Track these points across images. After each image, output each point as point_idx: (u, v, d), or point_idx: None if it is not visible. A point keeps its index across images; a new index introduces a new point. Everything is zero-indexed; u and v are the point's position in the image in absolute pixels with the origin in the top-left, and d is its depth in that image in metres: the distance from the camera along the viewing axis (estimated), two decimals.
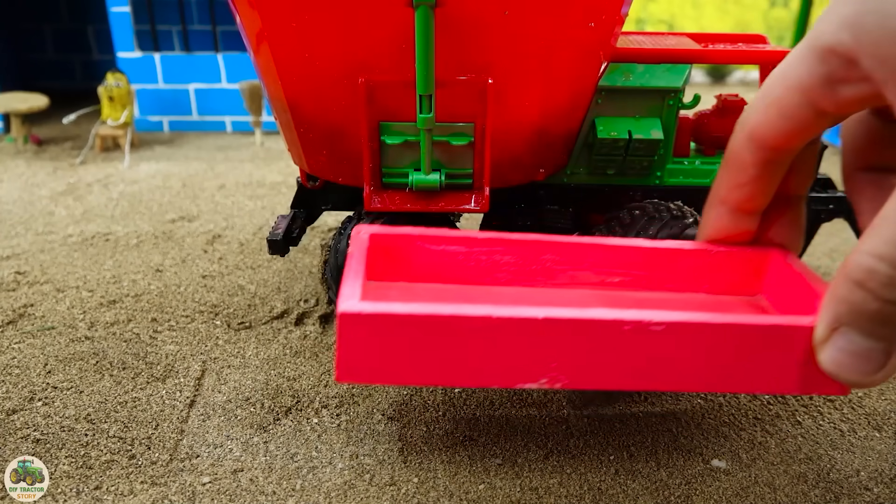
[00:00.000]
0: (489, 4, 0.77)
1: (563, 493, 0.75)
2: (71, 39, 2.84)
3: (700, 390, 0.74)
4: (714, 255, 0.88)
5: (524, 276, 0.89)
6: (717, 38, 1.08)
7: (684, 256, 0.88)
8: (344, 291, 0.71)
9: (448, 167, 0.91)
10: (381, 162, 0.91)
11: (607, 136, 0.95)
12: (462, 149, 0.90)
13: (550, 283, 0.90)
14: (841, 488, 0.77)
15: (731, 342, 0.69)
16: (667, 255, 0.88)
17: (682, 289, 0.90)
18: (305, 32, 0.81)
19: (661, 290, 0.90)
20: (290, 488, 0.75)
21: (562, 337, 0.69)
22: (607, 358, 0.71)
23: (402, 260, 0.87)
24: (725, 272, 0.88)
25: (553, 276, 0.89)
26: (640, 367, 0.71)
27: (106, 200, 1.65)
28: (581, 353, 0.71)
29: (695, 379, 0.72)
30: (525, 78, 0.84)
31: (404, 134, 0.88)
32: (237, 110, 2.32)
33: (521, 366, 0.71)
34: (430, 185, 0.90)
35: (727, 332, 0.69)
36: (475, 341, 0.70)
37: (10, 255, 1.31)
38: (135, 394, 0.90)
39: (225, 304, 1.14)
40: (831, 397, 0.93)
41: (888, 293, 0.60)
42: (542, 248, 0.88)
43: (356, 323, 0.68)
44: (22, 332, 1.04)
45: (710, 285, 0.89)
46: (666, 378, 0.71)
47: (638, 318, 0.69)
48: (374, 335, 0.69)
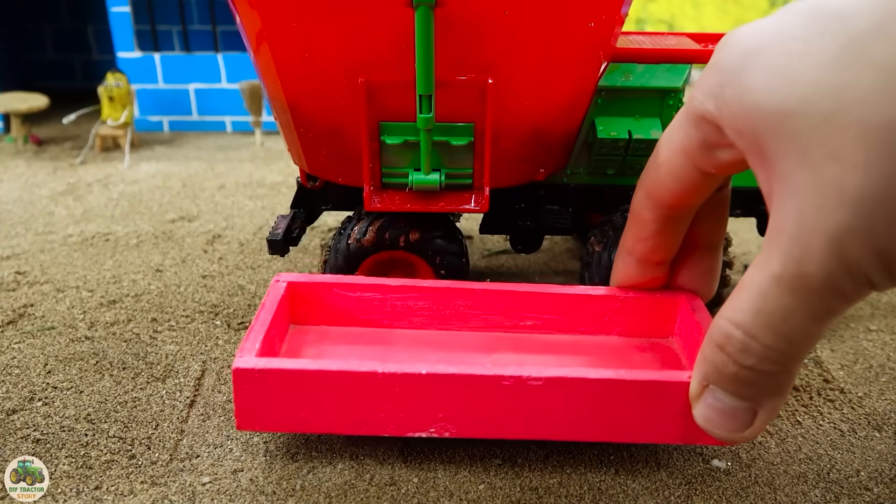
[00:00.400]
0: (489, 4, 0.78)
1: (563, 493, 0.75)
2: (71, 39, 2.84)
3: (585, 440, 0.75)
4: (624, 301, 0.90)
5: (438, 321, 0.93)
6: (716, 38, 1.08)
7: (595, 301, 0.90)
8: (243, 345, 0.76)
9: (448, 167, 0.92)
10: (381, 162, 0.91)
11: (607, 136, 0.95)
12: (462, 149, 0.90)
13: (464, 326, 0.93)
14: (841, 488, 0.77)
15: (609, 396, 0.72)
16: (577, 300, 0.91)
17: (594, 332, 0.92)
18: (305, 32, 0.81)
19: (572, 333, 0.91)
20: (290, 488, 0.75)
21: (446, 391, 0.72)
22: (492, 410, 0.73)
23: (323, 305, 0.91)
24: (637, 316, 0.90)
25: (466, 321, 0.92)
26: (525, 418, 0.73)
27: (106, 200, 1.65)
28: (466, 405, 0.73)
29: (578, 429, 0.74)
30: (525, 78, 0.84)
31: (404, 134, 0.88)
32: (237, 110, 2.32)
33: (409, 416, 0.73)
34: (430, 186, 0.90)
35: (604, 387, 0.72)
36: (364, 394, 0.73)
37: (10, 255, 1.31)
38: (135, 394, 0.90)
39: (225, 304, 1.14)
40: (831, 397, 0.93)
41: (743, 359, 0.62)
42: (454, 294, 0.91)
43: (250, 378, 0.73)
44: (22, 332, 1.04)
45: (623, 328, 0.91)
46: (550, 428, 0.74)
47: (517, 373, 0.72)
48: (268, 389, 0.73)
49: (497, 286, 0.90)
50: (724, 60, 0.58)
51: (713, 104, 0.60)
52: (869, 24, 0.48)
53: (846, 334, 1.11)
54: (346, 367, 0.71)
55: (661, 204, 0.74)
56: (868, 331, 1.12)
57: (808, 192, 0.51)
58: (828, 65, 0.49)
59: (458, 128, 0.88)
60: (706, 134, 0.63)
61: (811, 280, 0.52)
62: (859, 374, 1.00)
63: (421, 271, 1.00)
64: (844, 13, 0.50)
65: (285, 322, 0.88)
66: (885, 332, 1.11)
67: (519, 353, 0.87)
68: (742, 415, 0.64)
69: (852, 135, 0.47)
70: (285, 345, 0.86)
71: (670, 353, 0.88)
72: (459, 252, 0.99)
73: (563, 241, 1.44)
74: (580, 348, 0.89)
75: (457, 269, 1.00)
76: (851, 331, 1.12)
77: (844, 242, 0.49)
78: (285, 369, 0.71)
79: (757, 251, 1.39)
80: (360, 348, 0.86)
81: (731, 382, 0.63)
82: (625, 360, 0.87)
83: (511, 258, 1.36)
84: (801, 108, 0.50)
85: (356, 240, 0.97)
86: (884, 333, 1.11)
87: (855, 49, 0.48)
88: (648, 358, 0.87)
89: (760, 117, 0.54)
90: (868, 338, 1.10)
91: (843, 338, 1.10)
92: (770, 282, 0.55)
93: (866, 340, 1.09)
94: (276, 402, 0.72)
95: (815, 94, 0.50)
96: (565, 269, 1.32)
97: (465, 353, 0.87)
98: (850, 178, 0.48)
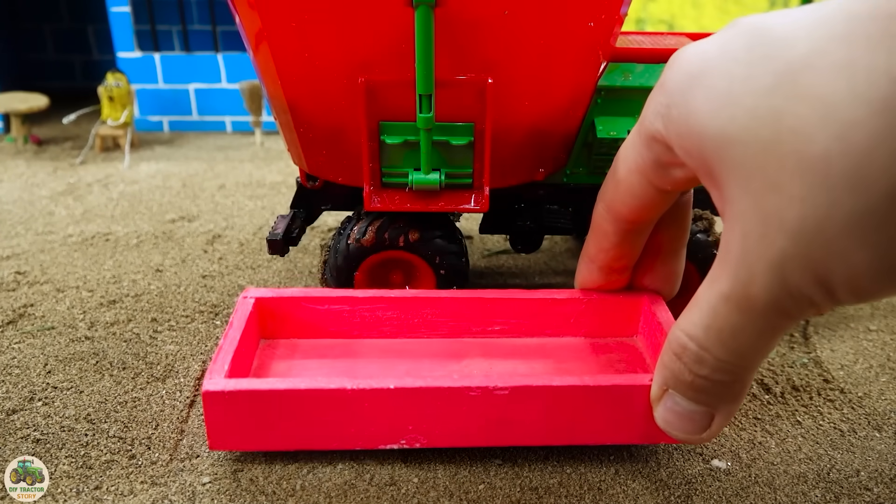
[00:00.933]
0: (489, 4, 0.78)
1: (562, 493, 0.75)
2: (71, 39, 2.84)
3: (553, 444, 0.77)
4: (588, 303, 0.92)
5: (407, 330, 0.94)
6: None
7: (560, 304, 0.92)
8: (212, 367, 0.77)
9: (448, 167, 0.92)
10: (381, 162, 0.91)
11: (607, 136, 0.95)
12: (462, 148, 0.90)
13: (432, 334, 0.94)
14: (841, 488, 0.77)
15: (574, 401, 0.75)
16: (543, 304, 0.93)
17: (560, 334, 0.94)
18: (305, 32, 0.81)
19: (540, 336, 0.94)
20: (290, 488, 0.75)
21: (415, 403, 0.74)
22: (460, 419, 0.75)
23: (292, 319, 0.93)
24: (602, 317, 0.93)
25: (435, 329, 0.94)
26: (493, 426, 0.76)
27: (106, 200, 1.65)
28: (435, 416, 0.75)
29: (545, 434, 0.77)
30: (524, 78, 0.84)
31: (404, 133, 0.88)
32: (237, 110, 2.32)
33: (379, 429, 0.75)
34: (430, 185, 0.90)
35: (569, 393, 0.74)
36: (334, 411, 0.74)
37: (10, 255, 1.31)
38: (135, 394, 0.90)
39: (225, 304, 1.14)
40: (831, 397, 0.93)
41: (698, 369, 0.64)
42: (421, 303, 0.92)
43: (219, 400, 0.74)
44: (22, 332, 1.04)
45: (588, 330, 0.94)
46: (518, 435, 0.76)
47: (483, 384, 0.74)
48: (238, 410, 0.74)
49: (463, 293, 0.93)
50: (671, 81, 0.59)
51: (662, 124, 0.60)
52: (805, 52, 0.48)
53: (846, 334, 1.11)
54: (315, 385, 0.73)
55: (620, 218, 0.76)
56: (868, 331, 1.12)
57: (751, 220, 0.52)
58: (766, 91, 0.50)
59: (457, 127, 0.88)
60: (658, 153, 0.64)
61: (756, 301, 0.54)
62: (859, 374, 1.00)
63: (421, 271, 1.00)
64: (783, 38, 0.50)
65: (255, 337, 0.90)
66: (885, 332, 1.11)
67: (488, 358, 0.89)
68: (699, 418, 0.67)
69: (790, 165, 0.48)
70: (256, 360, 0.88)
71: (635, 351, 0.91)
72: (459, 252, 0.99)
73: (563, 241, 1.44)
74: (548, 351, 0.91)
75: (457, 269, 1.00)
76: (851, 331, 1.12)
77: (786, 269, 0.51)
78: (254, 390, 0.73)
79: None
80: (330, 361, 0.88)
81: (689, 388, 0.65)
82: (591, 360, 0.89)
83: (511, 258, 1.36)
84: (741, 136, 0.51)
85: (356, 240, 0.97)
86: (884, 333, 1.11)
87: (791, 77, 0.49)
88: (614, 357, 0.90)
89: (706, 141, 0.54)
90: (868, 338, 1.10)
91: (843, 338, 1.10)
92: (719, 299, 0.57)
93: (866, 340, 1.09)
94: (246, 422, 0.74)
95: (754, 120, 0.50)
96: (565, 269, 1.32)
97: (435, 361, 0.89)
98: (788, 208, 0.49)
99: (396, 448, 0.77)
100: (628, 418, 0.75)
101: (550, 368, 0.88)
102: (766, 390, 0.95)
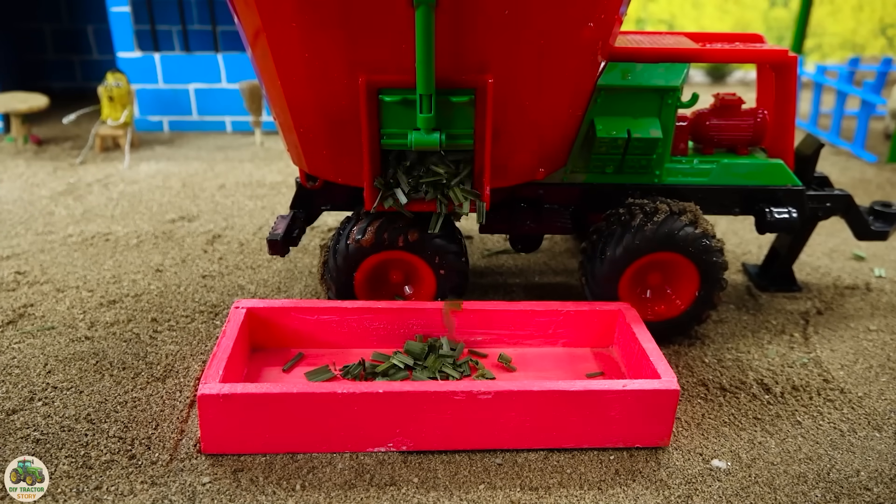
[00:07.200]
0: (489, 4, 0.78)
1: (563, 493, 0.75)
2: (71, 39, 2.84)
3: (533, 447, 0.80)
4: (566, 315, 0.97)
5: (394, 339, 0.96)
6: (714, 38, 1.08)
7: (540, 316, 0.97)
8: (207, 373, 0.81)
9: (448, 128, 0.87)
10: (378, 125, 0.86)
11: (606, 136, 0.95)
12: (463, 106, 0.85)
13: None
14: (841, 488, 0.77)
15: (553, 405, 0.78)
16: (524, 316, 0.97)
17: (540, 344, 0.99)
18: (305, 32, 0.81)
19: (521, 346, 0.98)
20: (290, 488, 0.75)
21: (402, 407, 0.77)
22: (445, 423, 0.78)
23: (283, 329, 0.97)
24: (579, 328, 0.97)
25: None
26: (476, 429, 0.79)
27: (106, 200, 1.65)
28: (421, 420, 0.78)
29: (527, 437, 0.80)
30: (524, 77, 0.84)
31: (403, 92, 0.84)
32: (237, 110, 2.32)
33: (368, 432, 0.78)
34: (430, 145, 0.85)
35: (548, 398, 0.78)
36: (324, 414, 0.77)
37: (10, 255, 1.31)
38: (135, 394, 0.90)
39: (225, 304, 1.14)
40: (831, 397, 0.93)
41: None
42: (408, 314, 0.95)
43: (214, 404, 0.77)
44: (22, 332, 1.04)
45: (567, 340, 0.98)
46: (501, 437, 0.79)
47: (467, 388, 0.77)
48: (232, 413, 0.78)
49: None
50: None
51: None
52: None
53: (846, 334, 1.11)
54: (306, 389, 0.77)
55: None
56: (868, 331, 1.12)
57: None
58: None
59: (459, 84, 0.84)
60: None
61: None
62: (859, 374, 1.00)
63: (420, 271, 1.00)
64: None
65: (246, 347, 0.93)
66: (885, 332, 1.11)
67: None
68: None
69: None
70: (247, 369, 0.91)
71: (611, 360, 0.97)
72: (459, 251, 0.99)
73: (563, 240, 1.44)
74: (528, 360, 0.96)
75: (456, 269, 1.00)
76: (851, 331, 1.12)
77: None
78: (248, 393, 0.76)
79: (757, 251, 1.39)
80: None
81: None
82: (570, 368, 0.94)
83: (511, 258, 1.36)
84: None
85: (355, 240, 0.97)
86: (884, 333, 1.11)
87: None
88: (592, 366, 0.95)
89: None
90: (868, 338, 1.10)
91: (843, 338, 1.09)
92: None
93: (866, 340, 1.09)
94: (240, 426, 0.77)
95: None
96: (565, 269, 1.32)
97: None
98: None
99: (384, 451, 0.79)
100: (604, 421, 0.79)
101: (531, 376, 0.93)
102: (766, 390, 0.95)
